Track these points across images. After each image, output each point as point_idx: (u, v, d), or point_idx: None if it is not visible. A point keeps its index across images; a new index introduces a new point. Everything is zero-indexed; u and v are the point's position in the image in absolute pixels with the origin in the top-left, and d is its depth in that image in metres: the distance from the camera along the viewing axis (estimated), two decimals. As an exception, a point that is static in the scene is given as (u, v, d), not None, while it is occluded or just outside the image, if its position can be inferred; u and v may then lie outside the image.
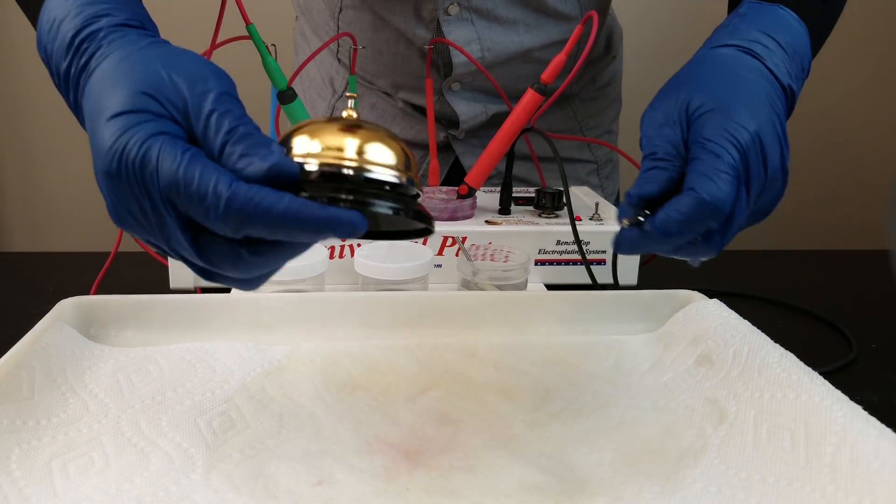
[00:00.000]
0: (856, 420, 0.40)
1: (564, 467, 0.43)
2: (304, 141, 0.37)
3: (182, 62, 0.38)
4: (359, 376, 0.51)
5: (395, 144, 0.38)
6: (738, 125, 0.43)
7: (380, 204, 0.36)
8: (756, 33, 0.49)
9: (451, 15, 0.78)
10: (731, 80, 0.46)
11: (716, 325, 0.53)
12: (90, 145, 0.37)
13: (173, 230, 0.36)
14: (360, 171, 0.36)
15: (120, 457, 0.42)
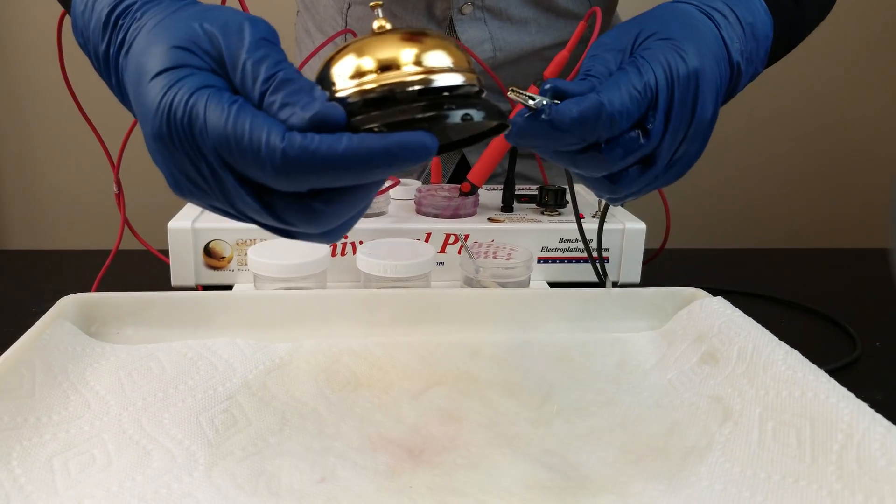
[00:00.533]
0: (862, 418, 0.40)
1: (568, 465, 0.42)
2: (341, 70, 0.33)
3: (215, 13, 0.35)
4: (361, 374, 0.51)
5: (436, 41, 0.34)
6: (678, 57, 0.41)
7: (445, 114, 0.32)
8: (720, 3, 0.47)
9: (465, 14, 0.78)
10: (687, 24, 0.44)
11: (720, 322, 0.53)
12: (137, 116, 0.35)
13: (235, 191, 0.33)
14: (409, 86, 0.33)
15: (121, 454, 0.41)
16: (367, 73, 0.33)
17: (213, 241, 0.66)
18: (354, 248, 0.67)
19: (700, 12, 0.46)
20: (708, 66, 0.42)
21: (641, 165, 0.43)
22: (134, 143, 0.71)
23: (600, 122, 0.39)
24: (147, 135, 0.34)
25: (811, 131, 1.98)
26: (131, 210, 0.72)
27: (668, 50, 0.41)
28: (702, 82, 0.42)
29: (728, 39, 0.46)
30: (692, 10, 0.46)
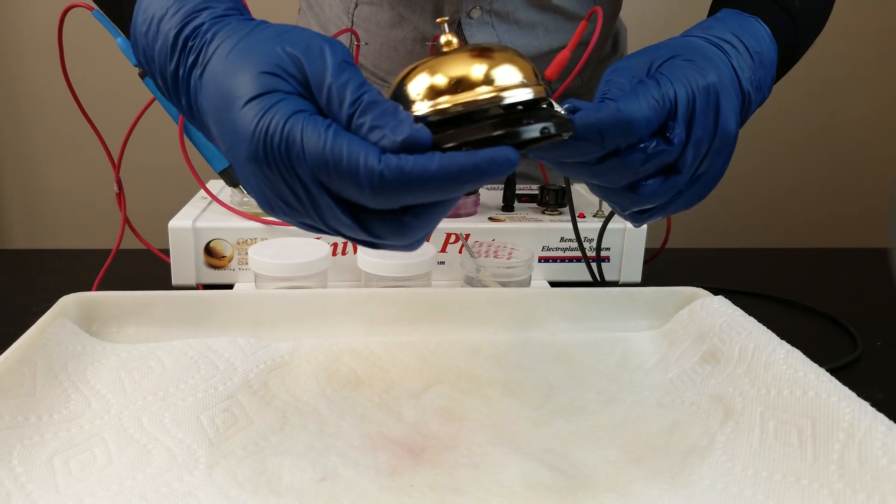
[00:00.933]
0: (864, 416, 0.40)
1: (569, 464, 0.42)
2: (416, 89, 0.35)
3: (293, 36, 0.36)
4: (362, 373, 0.51)
5: (504, 56, 0.35)
6: (697, 73, 0.42)
7: (523, 130, 0.34)
8: (728, 34, 0.48)
9: (473, 19, 0.78)
10: (699, 52, 0.44)
11: (721, 321, 0.53)
12: (221, 139, 0.36)
13: (330, 210, 0.34)
14: (486, 104, 0.34)
15: (122, 453, 0.41)
16: (442, 91, 0.34)
17: (214, 240, 0.66)
18: (355, 247, 0.67)
19: (710, 44, 0.47)
20: (726, 82, 0.43)
21: (664, 176, 0.42)
22: (134, 143, 0.71)
23: (618, 127, 0.39)
24: (240, 159, 0.35)
25: (811, 131, 1.98)
26: (132, 209, 0.72)
27: (686, 67, 0.42)
28: (722, 96, 0.42)
29: (739, 69, 0.46)
30: (701, 42, 0.47)
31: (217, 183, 0.78)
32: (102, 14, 0.62)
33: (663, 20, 1.82)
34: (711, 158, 0.43)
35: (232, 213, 0.68)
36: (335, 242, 0.67)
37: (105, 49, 0.84)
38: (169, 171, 1.53)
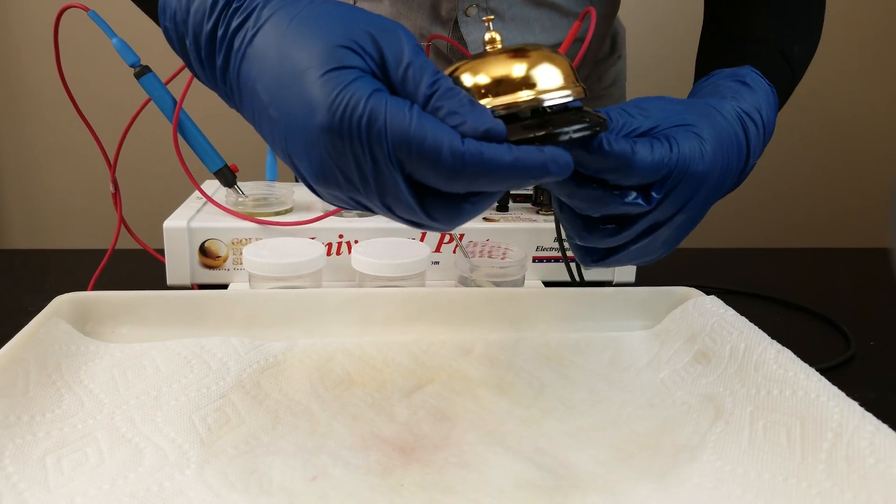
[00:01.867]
0: (852, 416, 0.40)
1: (559, 464, 0.42)
2: (472, 87, 0.36)
3: (367, 15, 0.36)
4: (354, 372, 0.51)
5: (550, 58, 0.37)
6: (699, 157, 0.43)
7: (575, 130, 0.36)
8: (754, 111, 0.50)
9: (470, 16, 0.78)
10: (719, 131, 0.46)
11: (713, 321, 0.53)
12: (276, 106, 0.35)
13: (396, 189, 0.35)
14: (542, 103, 0.36)
15: (114, 452, 0.41)
16: (488, 91, 0.36)
17: (209, 240, 0.66)
18: (349, 246, 0.68)
19: (739, 120, 0.48)
20: (718, 173, 0.45)
21: (617, 225, 0.44)
22: (130, 144, 0.71)
23: (624, 165, 0.41)
24: (309, 127, 0.34)
25: (805, 132, 1.98)
26: (127, 209, 0.73)
27: (695, 146, 0.43)
28: (703, 188, 0.44)
29: (753, 151, 0.49)
30: (733, 116, 0.48)
31: (212, 183, 0.78)
32: (98, 15, 0.62)
33: (662, 21, 1.82)
34: (668, 230, 0.45)
35: (226, 214, 0.68)
36: (329, 242, 0.67)
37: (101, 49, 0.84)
38: (165, 171, 1.53)
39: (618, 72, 0.96)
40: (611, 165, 0.40)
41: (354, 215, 0.70)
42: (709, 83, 0.53)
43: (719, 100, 0.50)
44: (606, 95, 0.95)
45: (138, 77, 0.65)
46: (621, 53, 0.96)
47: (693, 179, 0.43)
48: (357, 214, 0.70)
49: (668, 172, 0.42)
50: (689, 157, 0.42)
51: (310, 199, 0.75)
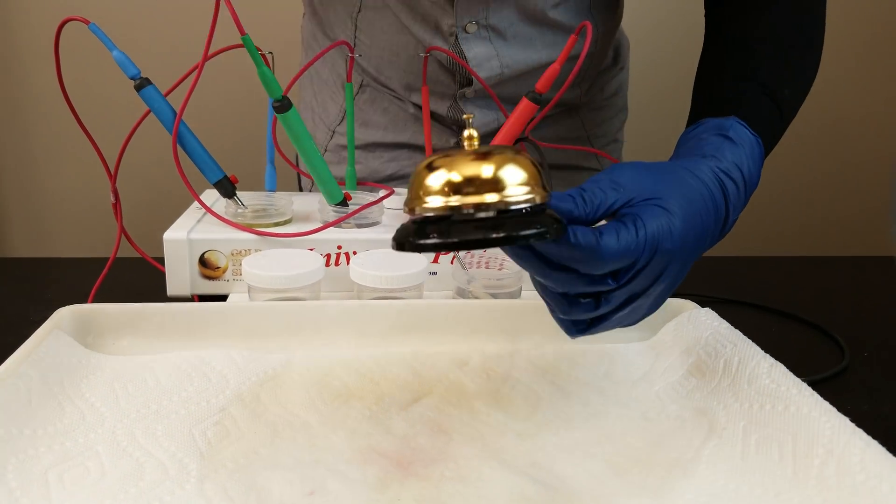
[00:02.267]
0: (843, 432, 0.40)
1: (555, 477, 0.43)
2: (450, 182, 0.38)
3: None
4: (353, 385, 0.52)
5: (514, 161, 0.39)
6: (667, 234, 0.44)
7: (531, 234, 0.38)
8: (735, 169, 0.51)
9: (469, 33, 0.79)
10: (695, 204, 0.46)
11: (707, 334, 0.54)
12: None
13: None
14: (507, 205, 0.38)
15: (115, 466, 0.42)
16: (464, 190, 0.38)
17: (209, 251, 0.67)
18: (348, 258, 0.68)
19: (717, 181, 0.49)
20: (690, 256, 0.46)
21: (595, 300, 0.45)
22: (131, 154, 0.72)
23: (591, 257, 0.42)
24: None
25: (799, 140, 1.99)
26: (128, 218, 0.73)
27: (663, 222, 0.44)
28: (672, 265, 0.45)
29: (732, 209, 0.50)
30: (711, 178, 0.49)
31: (212, 193, 0.79)
32: (98, 28, 0.63)
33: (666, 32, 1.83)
34: (647, 299, 0.46)
35: (226, 225, 0.68)
36: (328, 254, 0.68)
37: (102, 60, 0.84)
38: (165, 182, 1.53)
39: (620, 82, 0.97)
40: (578, 257, 0.42)
41: (353, 226, 0.71)
42: (694, 135, 0.54)
43: (698, 159, 0.50)
44: (608, 106, 0.95)
45: (138, 89, 0.66)
46: (624, 65, 0.96)
47: (663, 256, 0.44)
48: (355, 225, 0.71)
49: (636, 258, 0.43)
50: (658, 235, 0.43)
51: (309, 210, 0.76)
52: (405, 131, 0.91)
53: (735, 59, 0.62)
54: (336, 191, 0.70)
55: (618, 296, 0.44)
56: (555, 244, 0.41)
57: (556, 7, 0.79)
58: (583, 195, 0.44)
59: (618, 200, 0.45)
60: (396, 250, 0.40)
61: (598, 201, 0.44)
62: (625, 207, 0.45)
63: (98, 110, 1.19)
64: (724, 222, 0.50)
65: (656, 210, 0.44)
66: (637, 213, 0.44)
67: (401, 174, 0.93)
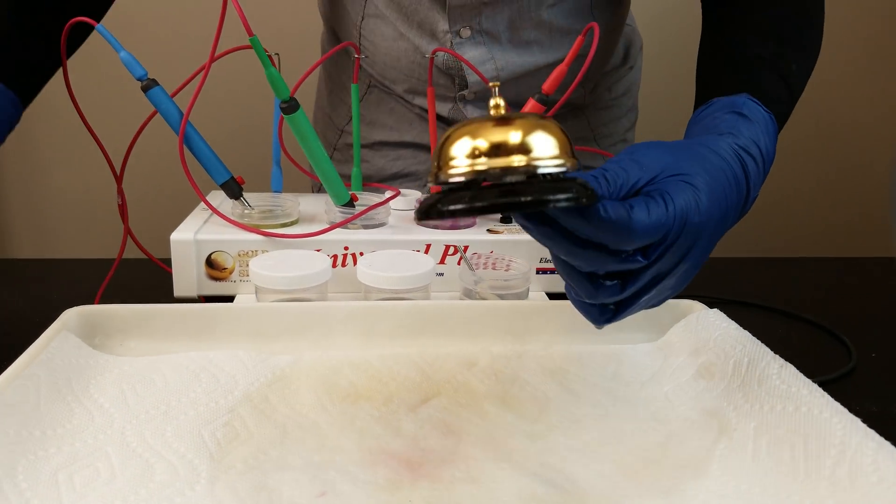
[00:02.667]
0: (855, 433, 0.40)
1: (565, 478, 0.43)
2: (476, 147, 0.37)
3: None
4: (361, 386, 0.52)
5: (552, 129, 0.37)
6: (695, 208, 0.43)
7: (562, 199, 0.36)
8: (752, 145, 0.50)
9: (463, 37, 0.79)
10: (717, 176, 0.46)
11: (716, 335, 0.54)
12: None
13: None
14: (535, 168, 0.36)
15: (125, 468, 0.42)
16: (491, 154, 0.36)
17: (216, 252, 0.67)
18: (355, 259, 0.68)
19: (737, 157, 0.48)
20: (716, 231, 0.45)
21: (622, 281, 0.44)
22: (137, 155, 0.72)
23: (623, 231, 0.40)
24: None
25: (805, 139, 1.99)
26: (134, 219, 0.73)
27: (690, 197, 0.43)
28: (702, 239, 0.44)
29: (753, 185, 0.49)
30: (730, 154, 0.48)
31: (218, 194, 0.79)
32: (105, 29, 0.63)
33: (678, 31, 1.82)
34: (673, 279, 0.45)
35: (233, 226, 0.68)
36: (335, 255, 0.68)
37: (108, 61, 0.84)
38: (171, 183, 1.53)
39: (630, 82, 0.96)
40: (609, 231, 0.40)
41: (359, 227, 0.71)
42: (706, 115, 0.54)
43: (716, 137, 0.50)
44: (616, 105, 0.95)
45: (145, 90, 0.66)
46: (633, 64, 0.96)
47: (692, 231, 0.43)
48: (362, 226, 0.71)
49: (666, 232, 0.42)
50: (686, 210, 0.42)
51: (315, 211, 0.76)
52: (410, 131, 0.92)
53: (738, 36, 0.61)
54: (343, 192, 0.70)
55: (646, 275, 0.43)
56: (584, 219, 0.40)
57: (552, 8, 0.78)
58: (605, 175, 0.43)
59: (641, 179, 0.44)
60: (421, 219, 0.38)
61: (620, 180, 0.43)
62: (649, 185, 0.43)
63: (104, 111, 1.19)
64: (745, 198, 0.49)
65: (682, 185, 0.43)
66: (664, 188, 0.43)
67: (405, 172, 0.93)
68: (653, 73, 1.14)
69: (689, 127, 0.55)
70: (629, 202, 0.41)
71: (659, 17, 1.64)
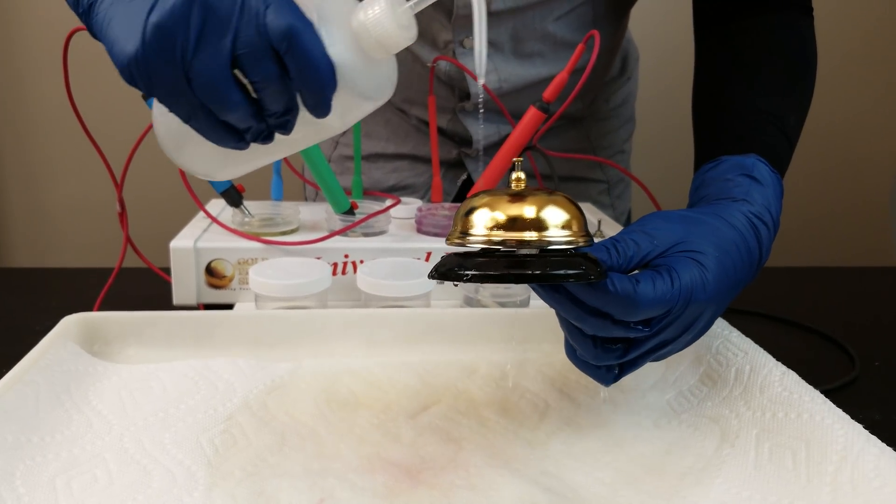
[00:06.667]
0: (857, 439, 0.40)
1: (566, 486, 0.43)
2: (495, 219, 0.40)
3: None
4: (361, 393, 0.52)
5: (567, 206, 0.40)
6: (701, 286, 0.44)
7: (571, 274, 0.39)
8: (764, 210, 0.51)
9: (467, 48, 0.79)
10: (727, 249, 0.47)
11: (717, 343, 0.53)
12: None
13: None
14: (547, 244, 0.39)
15: (123, 474, 0.42)
16: (508, 227, 0.39)
17: (215, 260, 0.67)
18: (355, 267, 0.68)
19: (751, 226, 0.49)
20: (723, 303, 0.46)
21: (626, 345, 0.45)
22: (137, 162, 0.72)
23: (628, 305, 0.41)
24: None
25: (814, 149, 1.98)
26: (134, 228, 0.73)
27: (696, 273, 0.44)
28: (706, 314, 0.45)
29: (764, 252, 0.50)
30: (744, 225, 0.49)
31: (218, 202, 0.79)
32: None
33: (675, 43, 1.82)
34: (673, 346, 0.46)
35: (232, 234, 0.68)
36: (335, 262, 0.68)
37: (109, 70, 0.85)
38: (171, 190, 1.53)
39: (627, 93, 0.97)
40: (614, 303, 0.41)
41: (360, 235, 0.71)
42: (716, 176, 0.54)
43: (729, 204, 0.50)
44: (614, 116, 0.95)
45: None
46: (631, 75, 0.96)
47: (696, 307, 0.44)
48: (362, 234, 0.71)
49: (670, 307, 0.43)
50: (691, 287, 0.43)
51: (316, 219, 0.76)
52: (406, 143, 0.91)
53: (737, 85, 0.61)
54: (343, 200, 0.70)
55: (648, 343, 0.44)
56: (592, 289, 0.41)
57: (557, 21, 0.78)
58: (616, 246, 0.45)
59: (651, 252, 0.45)
60: (437, 280, 0.41)
61: (630, 252, 0.45)
62: (658, 258, 0.45)
63: (104, 119, 1.19)
64: (757, 265, 0.50)
65: (690, 263, 0.44)
66: (671, 264, 0.44)
67: (403, 185, 0.93)
68: (649, 84, 1.14)
69: (699, 187, 0.56)
70: (636, 276, 0.42)
71: (653, 28, 1.64)
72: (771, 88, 0.60)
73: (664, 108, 1.69)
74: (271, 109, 0.39)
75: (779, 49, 0.61)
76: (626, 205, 1.00)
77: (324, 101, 0.39)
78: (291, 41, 0.37)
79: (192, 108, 0.39)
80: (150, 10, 0.36)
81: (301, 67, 0.38)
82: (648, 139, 1.42)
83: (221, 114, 0.39)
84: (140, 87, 0.38)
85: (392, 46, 0.40)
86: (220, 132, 0.40)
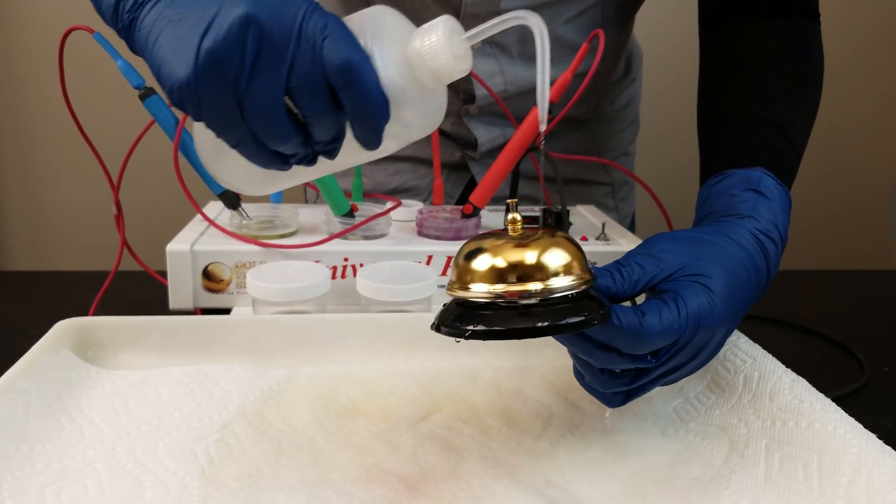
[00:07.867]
0: (871, 450, 0.39)
1: (571, 497, 0.41)
2: (495, 268, 0.39)
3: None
4: (360, 401, 0.50)
5: (567, 247, 0.40)
6: (709, 311, 0.43)
7: (574, 322, 0.38)
8: (771, 226, 0.50)
9: (474, 48, 0.78)
10: (736, 271, 0.46)
11: (725, 349, 0.52)
12: None
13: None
14: (550, 293, 0.39)
15: (115, 485, 0.41)
16: (508, 278, 0.39)
17: (212, 263, 0.65)
18: (355, 270, 0.67)
19: (757, 243, 0.48)
20: (732, 324, 0.46)
21: (635, 373, 0.44)
22: (134, 165, 0.71)
23: (635, 339, 0.41)
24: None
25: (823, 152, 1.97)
26: (131, 231, 0.72)
27: (704, 300, 0.43)
28: (717, 335, 0.45)
29: (772, 268, 0.49)
30: (751, 242, 0.48)
31: (216, 205, 0.78)
32: (103, 37, 0.62)
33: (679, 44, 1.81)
34: (680, 373, 0.45)
35: (230, 237, 0.67)
36: (334, 266, 0.66)
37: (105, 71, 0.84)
38: (168, 193, 1.53)
39: (632, 94, 0.95)
40: (621, 338, 0.41)
41: (359, 238, 0.69)
42: (723, 191, 0.53)
43: (735, 221, 0.50)
44: (619, 118, 0.94)
45: (143, 99, 0.65)
46: (635, 76, 0.95)
47: (704, 333, 0.43)
48: (362, 237, 0.70)
49: (678, 337, 0.42)
50: (699, 314, 0.42)
51: (315, 222, 0.74)
52: (409, 145, 0.90)
53: (742, 93, 0.60)
54: (343, 202, 0.69)
55: (656, 372, 0.44)
56: (597, 325, 0.40)
57: (566, 24, 0.77)
58: (621, 271, 0.44)
59: (657, 275, 0.44)
60: (440, 333, 0.40)
61: (636, 276, 0.44)
62: (664, 282, 0.44)
63: (101, 122, 1.18)
64: (765, 282, 0.49)
65: (697, 287, 0.43)
66: (678, 290, 0.43)
67: (405, 187, 0.92)
68: (653, 85, 1.13)
69: (705, 201, 0.55)
70: (641, 308, 0.42)
71: (657, 28, 1.63)
72: (777, 96, 0.59)
73: (668, 110, 1.67)
74: (319, 139, 0.38)
75: (785, 55, 0.60)
76: (630, 207, 0.99)
77: (376, 135, 0.38)
78: (349, 77, 0.36)
79: (242, 135, 0.37)
80: (203, 34, 0.35)
81: (356, 103, 0.37)
82: (652, 141, 1.41)
83: (272, 144, 0.38)
84: (188, 112, 0.37)
85: (446, 77, 0.39)
86: (267, 158, 0.39)
